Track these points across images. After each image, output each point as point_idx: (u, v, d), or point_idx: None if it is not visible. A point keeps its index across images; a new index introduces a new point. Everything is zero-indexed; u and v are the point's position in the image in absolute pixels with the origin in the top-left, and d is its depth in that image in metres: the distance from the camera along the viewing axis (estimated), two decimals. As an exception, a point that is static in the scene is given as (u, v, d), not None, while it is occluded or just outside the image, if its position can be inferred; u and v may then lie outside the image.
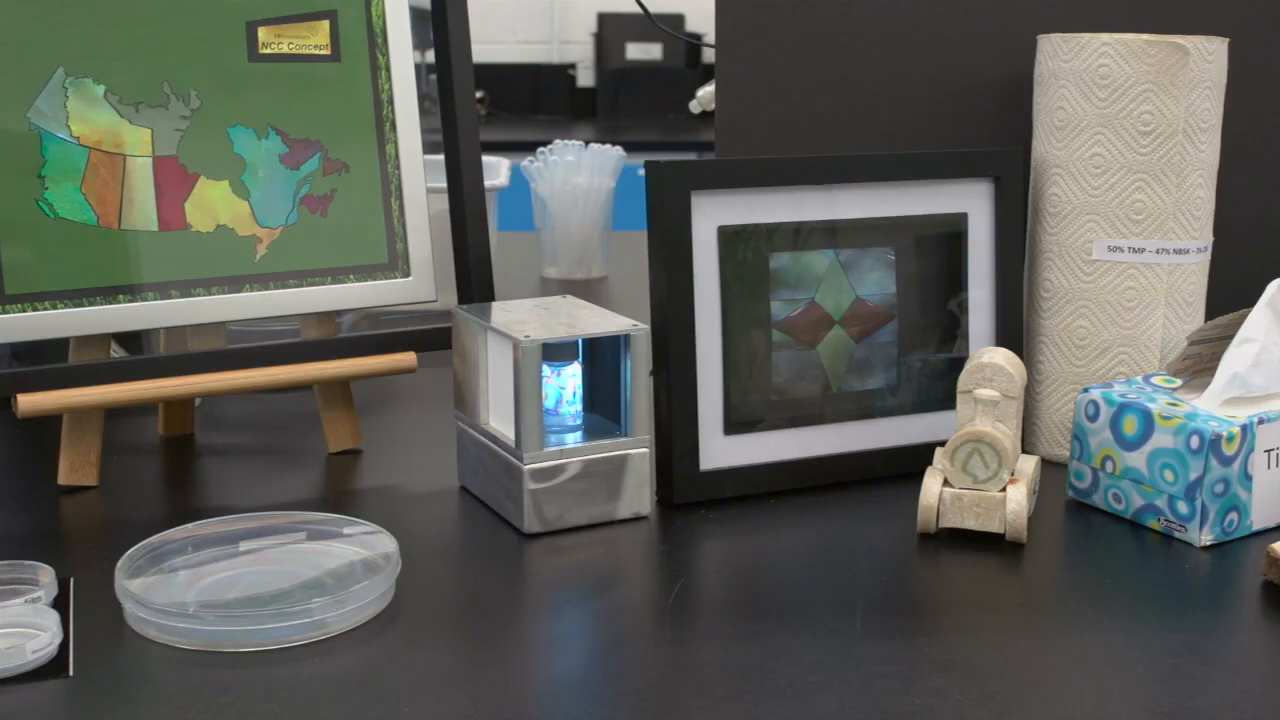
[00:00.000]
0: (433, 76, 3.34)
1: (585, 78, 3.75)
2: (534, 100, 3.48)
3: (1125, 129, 0.93)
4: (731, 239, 0.90)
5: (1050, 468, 0.98)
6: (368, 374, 0.97)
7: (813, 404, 0.94)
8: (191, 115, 0.93)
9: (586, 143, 1.59)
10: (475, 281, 1.00)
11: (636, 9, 1.35)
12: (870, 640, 0.72)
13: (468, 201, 0.99)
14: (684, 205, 0.88)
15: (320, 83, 0.96)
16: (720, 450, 0.91)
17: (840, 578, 0.80)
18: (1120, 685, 0.68)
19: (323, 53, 0.97)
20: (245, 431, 1.08)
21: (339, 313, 1.20)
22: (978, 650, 0.71)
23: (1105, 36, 0.93)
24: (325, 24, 0.97)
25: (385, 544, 0.79)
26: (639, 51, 3.48)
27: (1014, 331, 0.98)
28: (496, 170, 1.48)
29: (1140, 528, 0.88)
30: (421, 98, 3.78)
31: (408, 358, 0.98)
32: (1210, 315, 0.98)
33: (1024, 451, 1.01)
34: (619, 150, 1.59)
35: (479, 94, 3.39)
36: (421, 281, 0.99)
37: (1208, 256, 0.98)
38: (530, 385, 0.83)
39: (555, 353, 0.88)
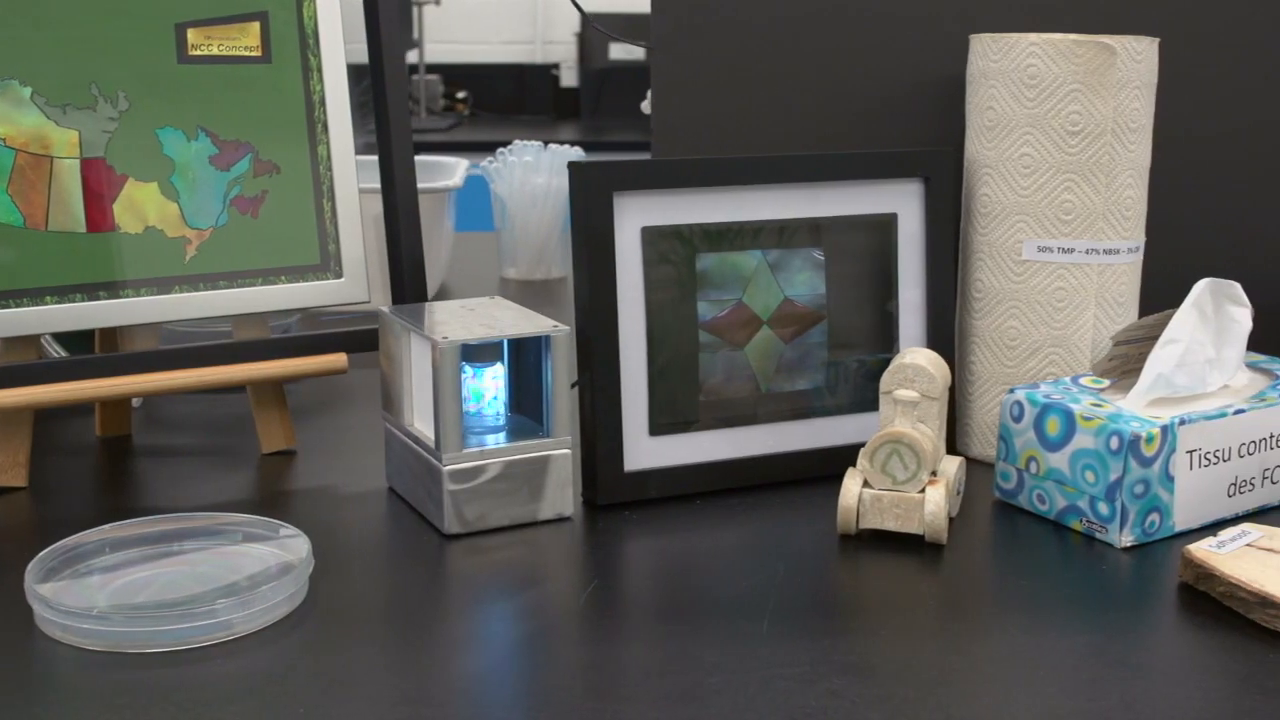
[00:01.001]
0: (415, 77, 3.34)
1: (568, 78, 3.75)
2: (517, 100, 3.48)
3: (1054, 129, 0.93)
4: (656, 240, 0.90)
5: (984, 468, 0.97)
6: (298, 375, 0.97)
7: (742, 405, 0.94)
8: (120, 117, 0.93)
9: (546, 143, 1.58)
10: (408, 283, 0.99)
11: (620, 10, 1.35)
12: (776, 642, 0.72)
13: (400, 204, 0.99)
14: (606, 206, 0.88)
15: (251, 84, 0.96)
16: (646, 451, 0.91)
17: (756, 579, 0.80)
18: (1020, 687, 0.68)
19: (253, 54, 0.97)
20: (182, 432, 1.08)
21: (285, 314, 1.21)
22: (882, 652, 0.71)
23: (1033, 37, 0.93)
24: (256, 25, 0.97)
25: (299, 546, 0.79)
26: (622, 52, 3.47)
27: (945, 332, 0.98)
28: (452, 171, 1.48)
29: (1064, 529, 0.88)
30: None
31: (338, 359, 0.98)
32: (1144, 315, 0.98)
33: (956, 452, 1.01)
34: (578, 150, 1.59)
35: (461, 94, 3.39)
36: (354, 282, 0.99)
37: (1140, 256, 0.97)
38: (448, 386, 0.83)
39: (478, 354, 0.88)
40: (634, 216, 0.89)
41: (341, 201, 0.99)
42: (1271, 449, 0.89)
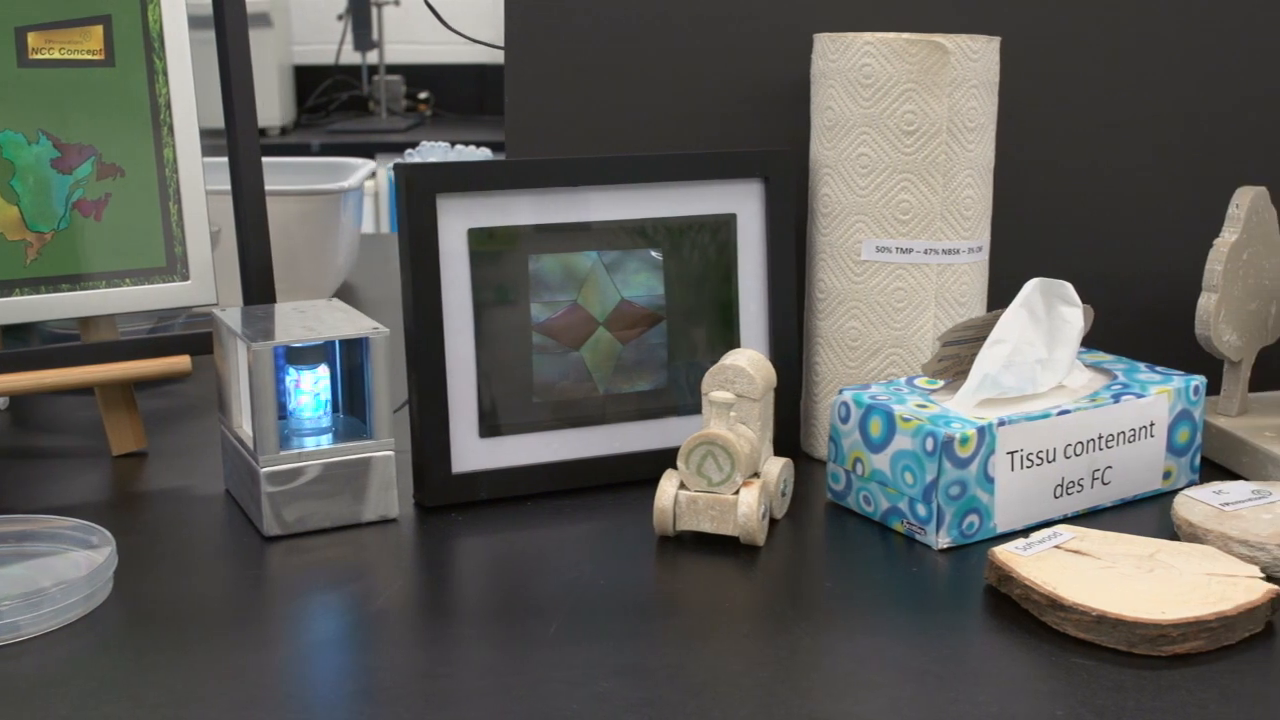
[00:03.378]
0: (375, 78, 3.35)
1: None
2: (479, 100, 3.48)
3: (890, 128, 0.93)
4: (484, 241, 0.90)
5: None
6: (140, 377, 0.97)
7: (579, 406, 0.94)
8: (-42, 120, 0.93)
9: (453, 143, 1.58)
10: (255, 285, 1.00)
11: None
12: (557, 645, 0.72)
13: (246, 206, 0.99)
14: (429, 208, 0.88)
15: (94, 88, 0.97)
16: (475, 453, 0.91)
17: (561, 581, 0.80)
18: (789, 691, 0.67)
19: (96, 58, 0.97)
20: (47, 434, 1.08)
21: (143, 316, 1.21)
22: (661, 655, 0.71)
23: (868, 36, 0.92)
24: (98, 29, 0.97)
25: (104, 549, 0.79)
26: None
27: (787, 333, 0.97)
28: (353, 172, 1.48)
29: (888, 530, 0.87)
30: (366, 99, 3.75)
31: (181, 361, 0.98)
32: (993, 315, 0.97)
33: (802, 453, 1.00)
34: (485, 151, 1.58)
35: (423, 95, 3.39)
36: (201, 285, 0.99)
37: (983, 256, 0.97)
38: (264, 388, 0.83)
39: (302, 356, 0.88)
40: (459, 218, 0.89)
41: (188, 204, 0.99)
42: (1100, 450, 0.88)
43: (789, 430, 0.98)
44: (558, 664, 0.70)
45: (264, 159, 1.04)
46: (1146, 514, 0.90)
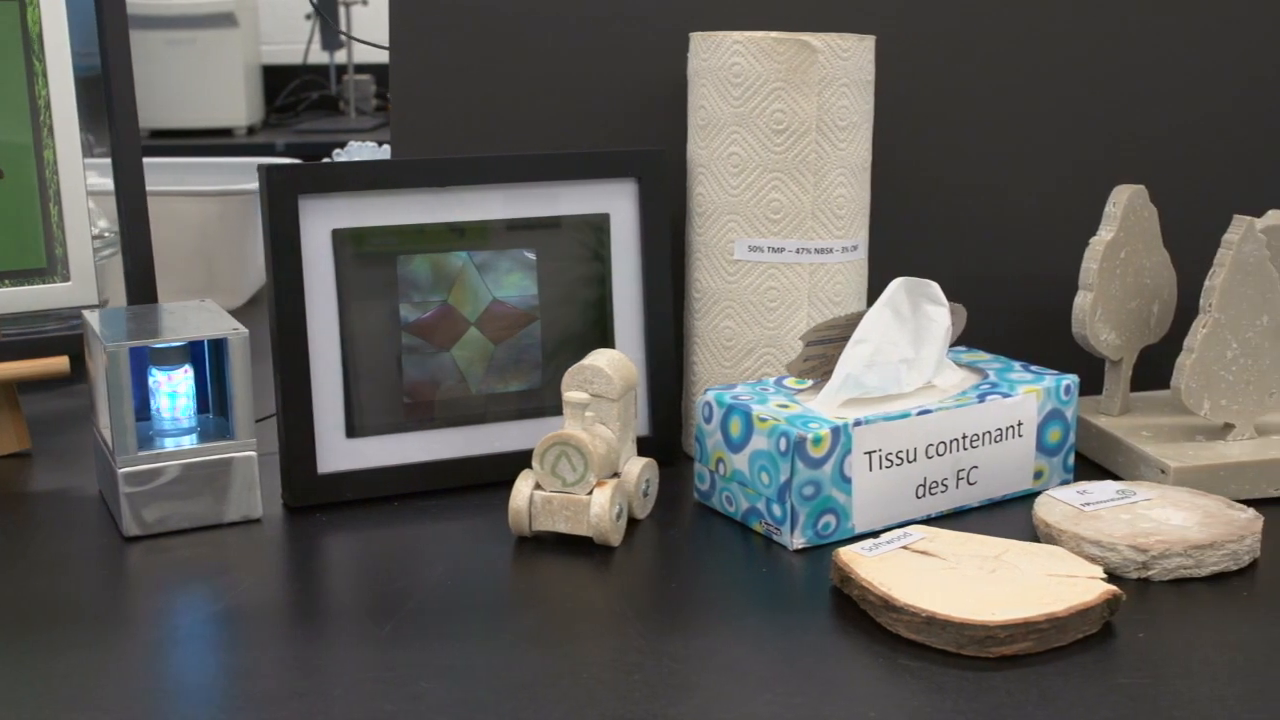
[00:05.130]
0: (345, 77, 3.35)
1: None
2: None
3: (759, 127, 0.92)
4: (350, 242, 0.90)
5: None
6: (17, 378, 0.97)
7: (451, 406, 0.93)
8: None
9: (381, 143, 1.58)
10: (137, 285, 1.00)
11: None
12: (389, 645, 0.72)
13: (127, 207, 1.00)
14: (292, 209, 0.88)
15: (-29, 89, 0.97)
16: (342, 453, 0.91)
17: (410, 581, 0.79)
18: (606, 692, 0.67)
19: (-27, 59, 0.97)
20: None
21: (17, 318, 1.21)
22: (489, 656, 0.70)
23: (737, 35, 0.92)
24: (-24, 30, 0.97)
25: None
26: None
27: (663, 333, 0.97)
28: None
29: (749, 531, 0.87)
30: (336, 99, 3.71)
31: (59, 362, 0.98)
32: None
33: (682, 452, 1.00)
34: (412, 151, 1.58)
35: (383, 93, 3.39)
36: (82, 286, 0.99)
37: (858, 256, 0.96)
38: (118, 389, 0.83)
39: (166, 357, 0.88)
40: (323, 219, 0.89)
41: (69, 205, 0.99)
42: (965, 450, 0.88)
43: (668, 430, 0.98)
44: (384, 664, 0.70)
45: (223, 160, 1.04)
46: (1014, 514, 0.90)
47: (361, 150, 1.58)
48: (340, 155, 1.59)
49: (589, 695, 0.67)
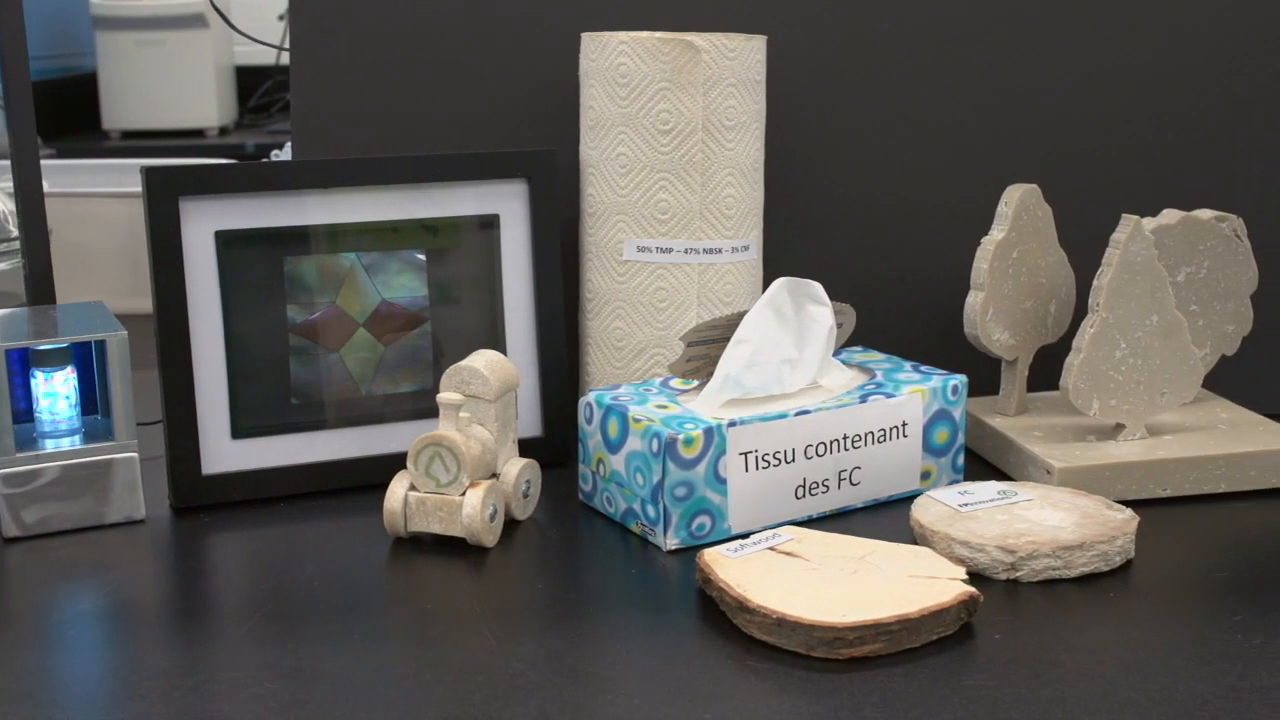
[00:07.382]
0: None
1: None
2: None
3: (646, 127, 0.92)
4: (234, 244, 0.90)
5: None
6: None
7: (340, 407, 0.94)
8: None
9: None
10: (35, 286, 1.00)
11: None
12: (241, 646, 0.72)
13: (24, 209, 1.00)
14: (173, 211, 0.88)
15: None
16: (228, 455, 0.91)
17: (279, 582, 0.79)
18: (446, 693, 0.67)
19: None
20: None
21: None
22: (338, 656, 0.70)
23: (624, 35, 0.92)
24: (-128, 33, 0.98)
25: None
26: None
27: (554, 333, 0.97)
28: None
29: (627, 531, 0.87)
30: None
31: (-45, 363, 0.98)
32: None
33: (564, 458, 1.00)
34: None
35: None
36: (-19, 287, 1.00)
37: (750, 256, 0.96)
38: (-5, 391, 0.84)
39: (48, 358, 0.89)
40: (206, 221, 0.89)
41: (-33, 207, 1.00)
42: (847, 450, 0.88)
43: (560, 429, 0.98)
44: (231, 665, 0.70)
45: (186, 161, 1.04)
46: (898, 515, 0.90)
47: (299, 151, 1.58)
48: (279, 155, 1.59)
49: (428, 696, 0.67)
